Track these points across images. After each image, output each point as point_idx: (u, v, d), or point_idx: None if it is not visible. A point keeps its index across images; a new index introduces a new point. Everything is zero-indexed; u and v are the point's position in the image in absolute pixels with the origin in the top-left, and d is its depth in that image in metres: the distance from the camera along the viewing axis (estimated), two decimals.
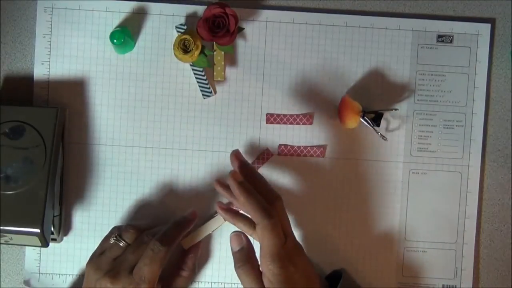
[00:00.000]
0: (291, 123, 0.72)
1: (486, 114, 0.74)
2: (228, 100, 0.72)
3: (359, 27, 0.73)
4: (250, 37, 0.72)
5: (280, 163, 0.73)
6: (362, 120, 0.71)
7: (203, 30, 0.68)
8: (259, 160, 0.72)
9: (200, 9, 0.72)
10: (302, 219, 0.72)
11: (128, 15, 0.72)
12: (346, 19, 0.73)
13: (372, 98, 0.73)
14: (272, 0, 0.73)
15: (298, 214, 0.72)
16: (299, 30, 0.73)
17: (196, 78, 0.72)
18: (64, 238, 0.72)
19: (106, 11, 0.72)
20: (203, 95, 0.72)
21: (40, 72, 0.72)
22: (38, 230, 0.64)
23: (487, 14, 0.74)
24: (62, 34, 0.72)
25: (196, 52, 0.68)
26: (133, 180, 0.72)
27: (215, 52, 0.71)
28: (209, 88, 0.72)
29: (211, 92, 0.72)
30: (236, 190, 0.62)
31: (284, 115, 0.73)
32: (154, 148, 0.72)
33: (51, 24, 0.71)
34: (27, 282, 0.72)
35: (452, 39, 0.73)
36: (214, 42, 0.70)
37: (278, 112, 0.73)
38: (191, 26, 0.71)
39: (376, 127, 0.71)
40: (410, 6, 0.73)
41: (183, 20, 0.72)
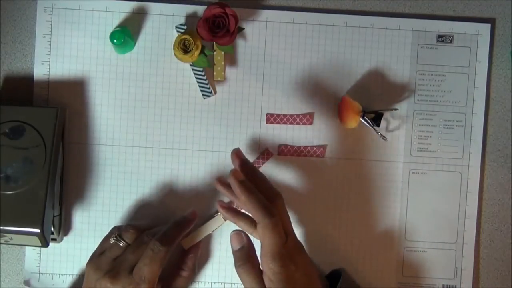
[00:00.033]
0: (291, 123, 0.72)
1: (486, 114, 0.74)
2: (228, 100, 0.72)
3: (359, 27, 0.73)
4: (250, 37, 0.72)
5: (280, 163, 0.73)
6: (362, 120, 0.71)
7: (203, 30, 0.68)
8: (259, 160, 0.72)
9: (200, 9, 0.72)
10: (302, 219, 0.72)
11: (128, 15, 0.72)
12: (346, 19, 0.73)
13: (372, 98, 0.73)
14: (272, 0, 0.73)
15: (298, 214, 0.72)
16: (299, 30, 0.72)
17: (196, 78, 0.72)
18: (64, 238, 0.72)
19: (106, 11, 0.72)
20: (203, 95, 0.72)
21: (40, 72, 0.72)
22: (38, 230, 0.64)
23: (487, 14, 0.74)
24: (62, 34, 0.72)
25: (196, 52, 0.68)
26: (133, 180, 0.72)
27: (215, 52, 0.71)
28: (209, 88, 0.72)
29: (211, 92, 0.72)
30: (237, 189, 0.62)
31: (284, 115, 0.73)
32: (154, 148, 0.72)
33: (51, 24, 0.71)
34: (27, 282, 0.72)
35: (452, 39, 0.73)
36: (214, 42, 0.70)
37: (278, 112, 0.73)
38: (191, 26, 0.71)
39: (376, 127, 0.71)
40: (410, 6, 0.73)
41: (183, 20, 0.72)
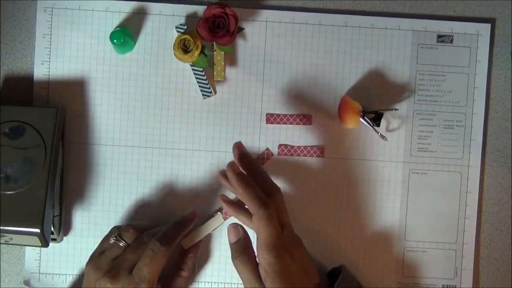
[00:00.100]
0: (291, 123, 0.72)
1: (486, 114, 0.74)
2: (228, 100, 0.72)
3: (359, 27, 0.73)
4: (250, 37, 0.72)
5: (280, 163, 0.73)
6: (362, 120, 0.71)
7: (203, 30, 0.68)
8: (259, 160, 0.72)
9: (200, 9, 0.72)
10: (302, 219, 0.72)
11: (128, 15, 0.72)
12: (346, 19, 0.73)
13: (372, 98, 0.73)
14: (272, 0, 0.73)
15: (298, 214, 0.72)
16: (299, 30, 0.72)
17: (196, 78, 0.72)
18: (64, 238, 0.72)
19: (106, 11, 0.72)
20: (203, 95, 0.72)
21: (40, 72, 0.72)
22: (38, 230, 0.64)
23: (487, 14, 0.74)
24: (62, 34, 0.72)
25: (196, 52, 0.68)
26: (133, 180, 0.72)
27: (215, 52, 0.71)
28: (209, 88, 0.72)
29: (211, 92, 0.72)
30: (234, 181, 0.62)
31: (284, 115, 0.73)
32: (154, 148, 0.72)
33: (51, 24, 0.71)
34: (27, 282, 0.72)
35: (452, 39, 0.73)
36: (214, 42, 0.70)
37: (278, 112, 0.73)
38: (191, 26, 0.71)
39: (376, 127, 0.71)
40: (410, 6, 0.73)
41: (183, 20, 0.72)
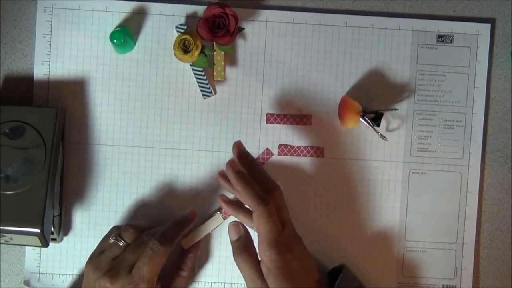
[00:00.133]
0: (291, 123, 0.72)
1: (486, 114, 0.74)
2: (228, 100, 0.72)
3: (359, 27, 0.73)
4: (250, 37, 0.72)
5: (280, 163, 0.73)
6: (362, 120, 0.71)
7: (203, 30, 0.68)
8: (259, 160, 0.72)
9: (200, 9, 0.72)
10: (302, 219, 0.72)
11: (128, 15, 0.72)
12: (346, 19, 0.73)
13: (372, 98, 0.73)
14: (272, 0, 0.73)
15: (298, 214, 0.72)
16: (299, 30, 0.72)
17: (196, 78, 0.72)
18: (64, 238, 0.72)
19: (106, 11, 0.72)
20: (203, 95, 0.72)
21: (40, 72, 0.72)
22: (38, 230, 0.64)
23: (487, 14, 0.74)
24: (62, 34, 0.72)
25: (196, 52, 0.68)
26: (133, 180, 0.72)
27: (215, 52, 0.71)
28: (209, 88, 0.72)
29: (211, 92, 0.72)
30: (233, 179, 0.62)
31: (284, 115, 0.73)
32: (154, 148, 0.72)
33: (51, 24, 0.71)
34: (27, 282, 0.72)
35: (452, 39, 0.73)
36: (214, 42, 0.70)
37: (278, 112, 0.73)
38: (191, 26, 0.71)
39: (376, 127, 0.71)
40: (410, 6, 0.73)
41: (183, 20, 0.72)
